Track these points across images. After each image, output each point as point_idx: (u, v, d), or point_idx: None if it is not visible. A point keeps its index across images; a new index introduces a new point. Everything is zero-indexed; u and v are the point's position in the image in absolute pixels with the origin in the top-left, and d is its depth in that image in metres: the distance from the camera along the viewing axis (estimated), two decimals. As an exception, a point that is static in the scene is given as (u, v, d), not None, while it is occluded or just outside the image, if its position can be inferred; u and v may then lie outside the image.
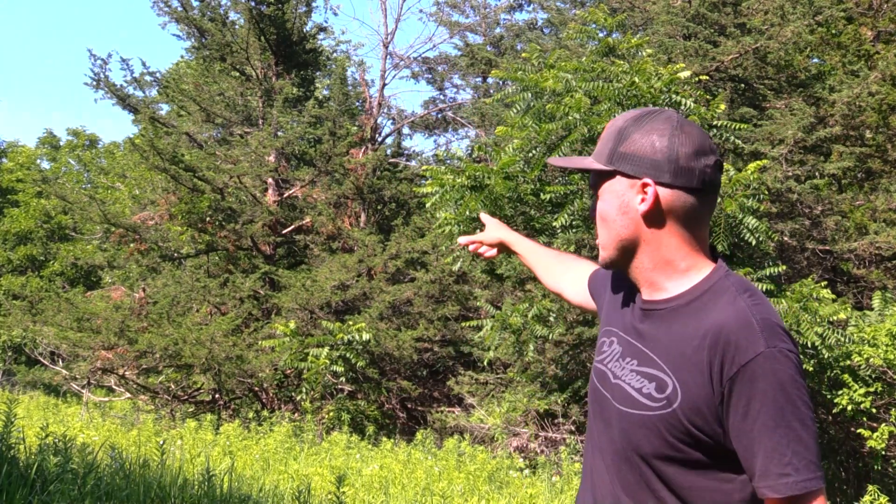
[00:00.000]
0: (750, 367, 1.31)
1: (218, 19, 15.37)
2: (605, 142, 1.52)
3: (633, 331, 1.51)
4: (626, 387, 1.46)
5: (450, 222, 8.06)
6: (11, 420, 4.50)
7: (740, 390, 1.32)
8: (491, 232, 2.22)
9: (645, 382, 1.42)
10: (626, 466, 1.45)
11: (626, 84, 7.62)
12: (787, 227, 10.92)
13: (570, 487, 7.87)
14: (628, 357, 1.49)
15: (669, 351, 1.41)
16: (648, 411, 1.40)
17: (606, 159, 1.49)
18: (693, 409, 1.35)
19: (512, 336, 8.76)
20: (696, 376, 1.36)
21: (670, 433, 1.37)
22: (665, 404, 1.38)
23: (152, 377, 14.19)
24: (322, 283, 13.18)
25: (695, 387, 1.36)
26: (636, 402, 1.43)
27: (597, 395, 1.55)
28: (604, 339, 1.60)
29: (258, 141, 14.18)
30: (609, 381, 1.52)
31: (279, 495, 6.01)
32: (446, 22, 21.54)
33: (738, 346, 1.33)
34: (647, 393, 1.41)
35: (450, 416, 12.26)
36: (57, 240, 28.79)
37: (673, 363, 1.40)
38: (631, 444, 1.43)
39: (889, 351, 8.40)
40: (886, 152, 12.70)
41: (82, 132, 34.82)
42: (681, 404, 1.36)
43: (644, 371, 1.44)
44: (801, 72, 12.49)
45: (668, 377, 1.39)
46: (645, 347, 1.46)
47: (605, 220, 1.51)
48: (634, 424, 1.42)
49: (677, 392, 1.37)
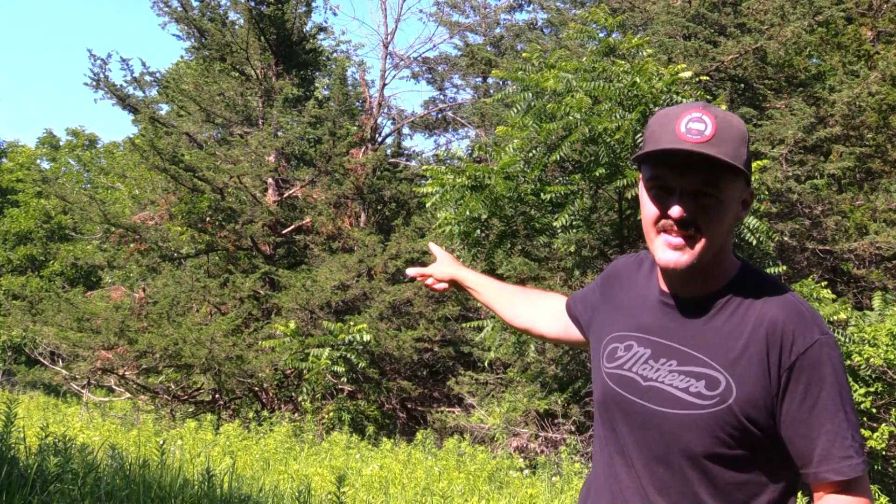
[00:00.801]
0: (808, 356, 1.35)
1: (217, 19, 15.37)
2: (732, 142, 1.38)
3: (664, 331, 1.48)
4: (667, 388, 1.43)
5: (450, 222, 8.06)
6: (11, 420, 4.50)
7: (798, 377, 1.35)
8: (442, 267, 2.11)
9: (692, 381, 1.40)
10: (662, 469, 1.42)
11: (628, 84, 7.61)
12: (787, 227, 10.93)
13: (570, 487, 7.86)
14: (663, 358, 1.45)
15: (717, 347, 1.40)
16: (699, 410, 1.38)
17: (742, 163, 1.38)
18: (750, 402, 1.36)
19: (513, 336, 8.76)
20: (751, 369, 1.37)
21: (723, 430, 1.37)
22: (719, 401, 1.37)
23: (152, 377, 14.18)
24: (322, 284, 13.17)
25: (750, 380, 1.36)
26: (683, 403, 1.40)
27: (618, 400, 1.51)
28: (615, 345, 1.55)
29: (258, 141, 14.18)
30: (638, 385, 1.47)
31: (279, 495, 6.00)
32: (446, 22, 21.56)
33: (795, 335, 1.36)
34: (695, 392, 1.39)
35: (450, 416, 12.26)
36: (57, 240, 28.79)
37: (723, 359, 1.39)
38: (677, 446, 1.40)
39: (889, 351, 8.39)
40: (886, 152, 12.70)
41: (81, 132, 34.83)
42: (737, 399, 1.36)
43: (689, 370, 1.41)
44: (801, 72, 12.49)
45: (720, 373, 1.38)
46: (684, 346, 1.43)
47: (721, 222, 1.40)
48: (682, 425, 1.39)
49: (731, 387, 1.37)
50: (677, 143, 1.36)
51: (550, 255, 9.52)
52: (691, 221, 1.39)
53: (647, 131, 1.46)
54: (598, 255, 9.08)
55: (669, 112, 1.44)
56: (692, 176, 1.36)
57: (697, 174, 1.36)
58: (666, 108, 1.55)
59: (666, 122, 1.41)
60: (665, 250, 1.42)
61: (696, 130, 1.36)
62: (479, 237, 8.35)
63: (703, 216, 1.38)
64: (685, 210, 1.38)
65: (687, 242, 1.40)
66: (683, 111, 1.41)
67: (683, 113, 1.40)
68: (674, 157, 1.37)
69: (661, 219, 1.41)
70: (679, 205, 1.38)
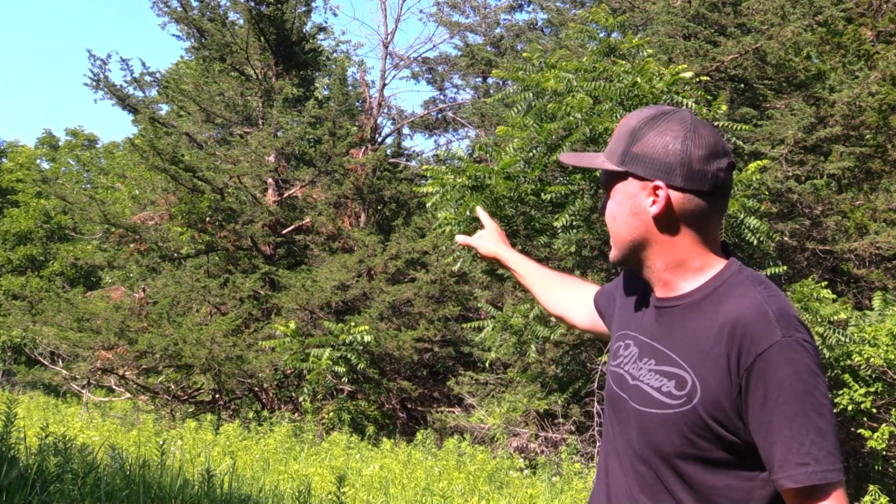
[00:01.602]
0: (766, 357, 1.30)
1: (217, 19, 15.36)
2: (618, 141, 1.50)
3: (649, 331, 1.50)
4: (645, 387, 1.45)
5: (450, 222, 8.06)
6: (11, 420, 4.49)
7: (757, 380, 1.30)
8: (488, 244, 2.14)
9: (664, 381, 1.41)
10: (644, 467, 1.43)
11: (628, 84, 7.61)
12: (787, 227, 10.92)
13: (569, 488, 7.86)
14: (646, 357, 1.48)
15: (687, 347, 1.40)
16: (668, 409, 1.39)
17: (619, 159, 1.48)
18: (713, 403, 1.34)
19: (513, 337, 8.75)
20: (714, 370, 1.35)
21: (691, 430, 1.35)
22: (685, 401, 1.36)
23: (152, 377, 14.18)
24: (322, 284, 13.17)
25: (714, 381, 1.35)
26: (656, 402, 1.41)
27: (614, 399, 1.54)
28: (619, 344, 1.58)
29: (258, 141, 14.18)
30: (627, 383, 1.50)
31: (279, 495, 6.00)
32: (446, 22, 21.55)
33: (755, 336, 1.31)
34: (666, 391, 1.40)
35: (450, 416, 12.25)
36: (57, 240, 28.78)
37: (691, 359, 1.39)
38: (650, 445, 1.41)
39: (889, 351, 8.39)
40: (886, 152, 12.69)
41: (81, 132, 34.82)
42: (701, 400, 1.35)
43: (663, 369, 1.43)
44: (801, 72, 12.48)
45: (687, 373, 1.38)
46: (662, 346, 1.45)
47: (616, 220, 1.50)
48: (654, 424, 1.41)
49: (696, 388, 1.36)
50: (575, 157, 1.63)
51: (551, 255, 9.52)
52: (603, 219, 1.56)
53: None
54: (598, 256, 9.07)
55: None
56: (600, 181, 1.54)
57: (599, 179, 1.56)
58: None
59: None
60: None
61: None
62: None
63: (606, 216, 1.53)
64: (601, 211, 1.56)
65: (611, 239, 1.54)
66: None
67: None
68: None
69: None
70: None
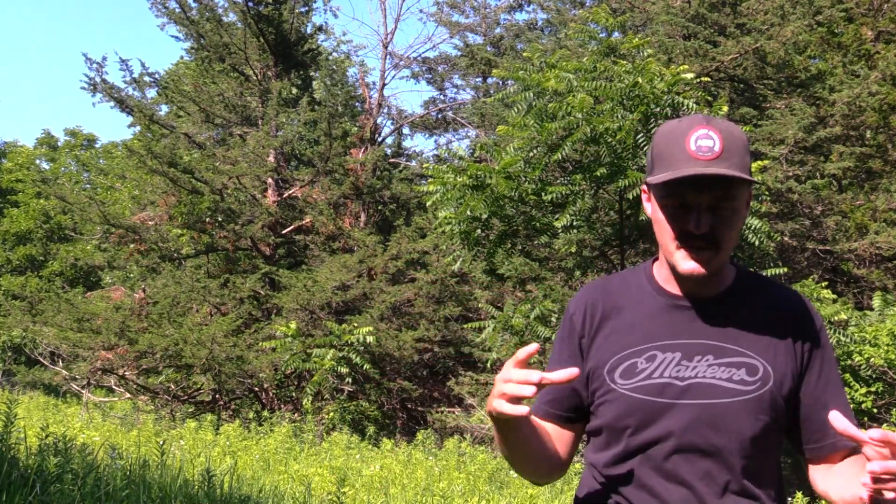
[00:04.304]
0: (821, 338, 1.57)
1: (214, 20, 15.35)
2: (738, 153, 1.49)
3: (688, 331, 1.55)
4: (712, 380, 1.51)
5: (450, 221, 8.05)
6: (11, 420, 4.48)
7: (816, 355, 1.56)
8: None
9: (734, 371, 1.52)
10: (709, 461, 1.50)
11: (629, 84, 7.60)
12: (787, 227, 10.93)
13: (570, 488, 7.85)
14: (697, 356, 1.53)
15: (746, 336, 1.54)
16: (745, 395, 1.50)
17: (748, 171, 1.51)
18: (784, 381, 1.52)
19: (514, 337, 8.74)
20: (780, 352, 1.53)
21: (765, 412, 1.50)
22: (760, 385, 1.51)
23: (152, 377, 14.17)
24: (322, 284, 13.17)
25: (781, 363, 1.53)
26: (730, 391, 1.51)
27: (652, 410, 1.51)
28: (633, 361, 1.54)
29: (256, 141, 14.17)
30: (675, 387, 1.51)
31: (279, 495, 5.99)
32: (446, 22, 21.57)
33: (811, 320, 1.57)
34: (739, 379, 1.51)
35: (450, 416, 12.25)
36: (56, 240, 28.77)
37: (755, 346, 1.53)
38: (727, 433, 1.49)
39: (890, 351, 8.40)
40: (886, 152, 12.68)
41: (80, 132, 34.81)
42: (774, 381, 1.51)
43: (728, 361, 1.52)
44: (801, 72, 12.48)
45: (755, 360, 1.52)
46: (714, 341, 1.54)
47: (734, 229, 1.54)
48: (733, 411, 1.50)
49: (769, 371, 1.51)
50: (692, 164, 1.46)
51: (551, 255, 9.51)
52: (711, 233, 1.50)
53: (655, 150, 1.54)
54: (598, 256, 9.07)
55: (674, 129, 1.51)
56: (709, 192, 1.46)
57: (714, 189, 1.46)
58: (668, 122, 1.62)
59: (673, 141, 1.49)
60: (688, 261, 1.51)
61: (706, 147, 1.46)
62: (479, 237, 8.34)
63: (720, 226, 1.49)
64: (706, 224, 1.49)
65: (708, 251, 1.51)
66: (689, 128, 1.49)
67: (690, 130, 1.48)
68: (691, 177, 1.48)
69: (681, 233, 1.51)
70: (700, 220, 1.48)
